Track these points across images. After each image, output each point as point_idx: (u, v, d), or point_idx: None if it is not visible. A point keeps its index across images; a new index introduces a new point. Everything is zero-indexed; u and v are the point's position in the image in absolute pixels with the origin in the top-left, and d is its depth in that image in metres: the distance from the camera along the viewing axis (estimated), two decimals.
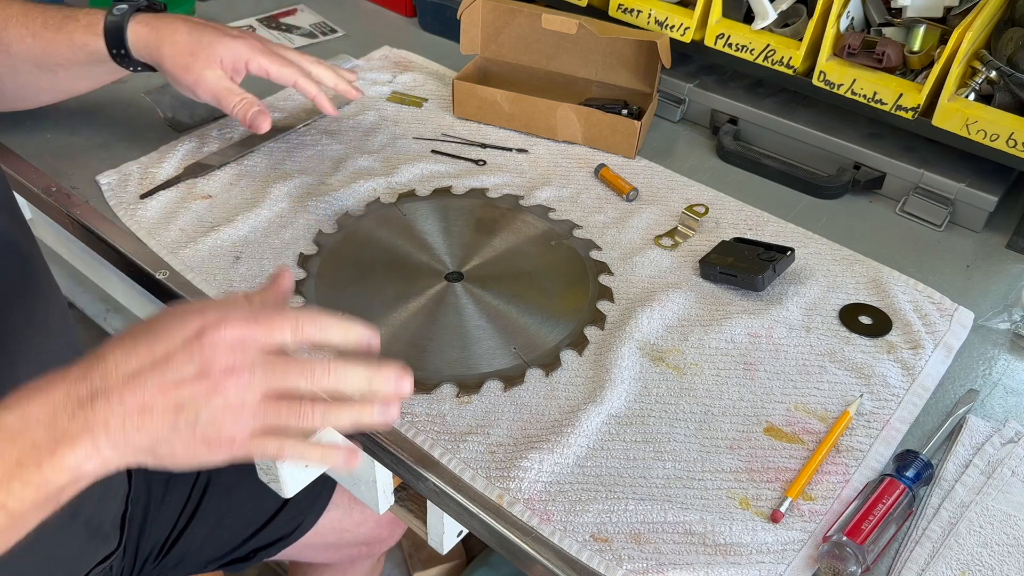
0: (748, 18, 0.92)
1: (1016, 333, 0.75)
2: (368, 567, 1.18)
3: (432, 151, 0.93)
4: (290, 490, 0.73)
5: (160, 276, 0.76)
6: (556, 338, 0.72)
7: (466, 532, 0.75)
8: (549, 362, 0.69)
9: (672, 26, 0.95)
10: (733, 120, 0.97)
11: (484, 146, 0.94)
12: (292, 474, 0.72)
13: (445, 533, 0.75)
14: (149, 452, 0.47)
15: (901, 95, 0.83)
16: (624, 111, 0.94)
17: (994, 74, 0.81)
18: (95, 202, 0.84)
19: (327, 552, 1.04)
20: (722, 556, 0.57)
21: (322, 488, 0.94)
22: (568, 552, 0.57)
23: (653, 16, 0.96)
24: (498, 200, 0.86)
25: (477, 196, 0.87)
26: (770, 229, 0.85)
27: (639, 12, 0.96)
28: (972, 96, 0.82)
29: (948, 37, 0.80)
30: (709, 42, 0.93)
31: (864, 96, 0.85)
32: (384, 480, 0.76)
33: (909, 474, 0.61)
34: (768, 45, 0.90)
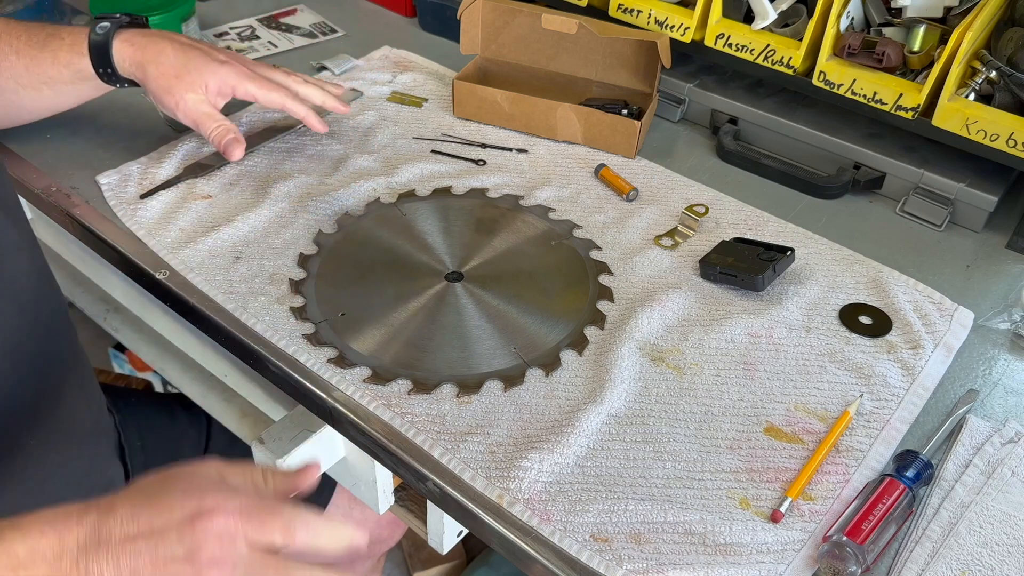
0: (748, 18, 0.92)
1: (1016, 333, 0.75)
2: (368, 567, 1.18)
3: (432, 151, 0.93)
4: None
5: (160, 276, 0.76)
6: (556, 338, 0.72)
7: (466, 532, 0.75)
8: (549, 362, 0.69)
9: (672, 26, 0.95)
10: (733, 120, 0.97)
11: (484, 146, 0.94)
12: None
13: (445, 533, 0.75)
14: None
15: (901, 95, 0.83)
16: (624, 111, 0.94)
17: (994, 74, 0.81)
18: (95, 202, 0.84)
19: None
20: (722, 556, 0.57)
21: (322, 489, 0.94)
22: (568, 552, 0.57)
23: (653, 16, 0.96)
24: (498, 200, 0.86)
25: (477, 196, 0.87)
26: (770, 229, 0.85)
27: (639, 12, 0.96)
28: (972, 96, 0.82)
29: (948, 37, 0.80)
30: (709, 42, 0.93)
31: (864, 96, 0.85)
32: (384, 480, 0.76)
33: (909, 474, 0.61)
34: (768, 45, 0.90)
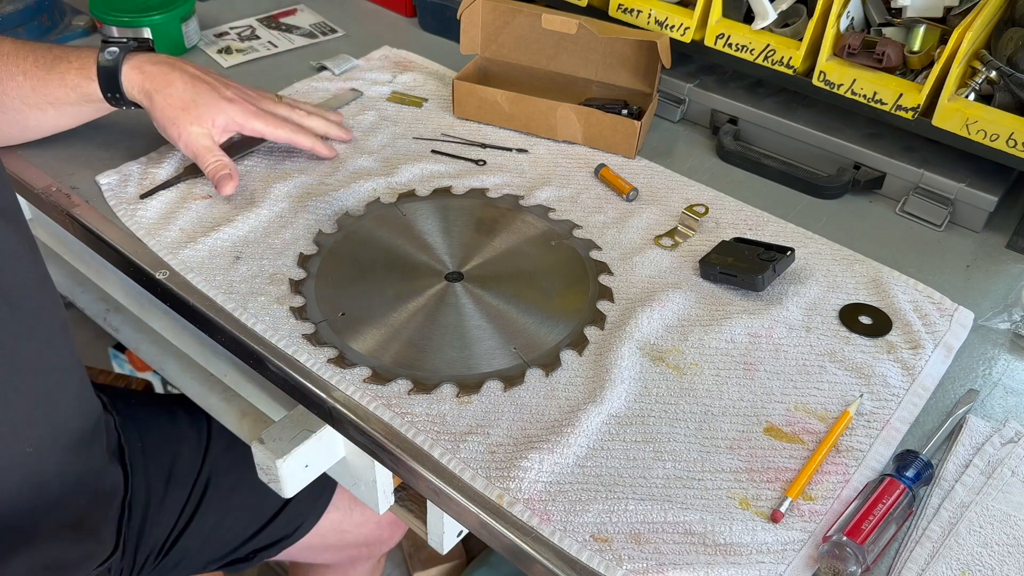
0: (748, 18, 0.92)
1: (1016, 333, 0.75)
2: (368, 568, 1.18)
3: (432, 151, 0.93)
4: (290, 490, 0.73)
5: (160, 276, 0.76)
6: (556, 338, 0.72)
7: (466, 532, 0.75)
8: (549, 362, 0.69)
9: (672, 26, 0.95)
10: (733, 120, 0.97)
11: (484, 146, 0.94)
12: (292, 474, 0.72)
13: (445, 533, 0.75)
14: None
15: (901, 95, 0.83)
16: (624, 111, 0.94)
17: (994, 74, 0.81)
18: (95, 202, 0.84)
19: (327, 553, 1.04)
20: (722, 556, 0.57)
21: (322, 489, 0.94)
22: (568, 552, 0.57)
23: (653, 16, 0.96)
24: (498, 200, 0.86)
25: (477, 196, 0.87)
26: (770, 229, 0.85)
27: (639, 12, 0.96)
28: (972, 96, 0.82)
29: (948, 37, 0.80)
30: (709, 42, 0.93)
31: (864, 96, 0.85)
32: (384, 480, 0.76)
33: (909, 474, 0.61)
34: (768, 45, 0.90)
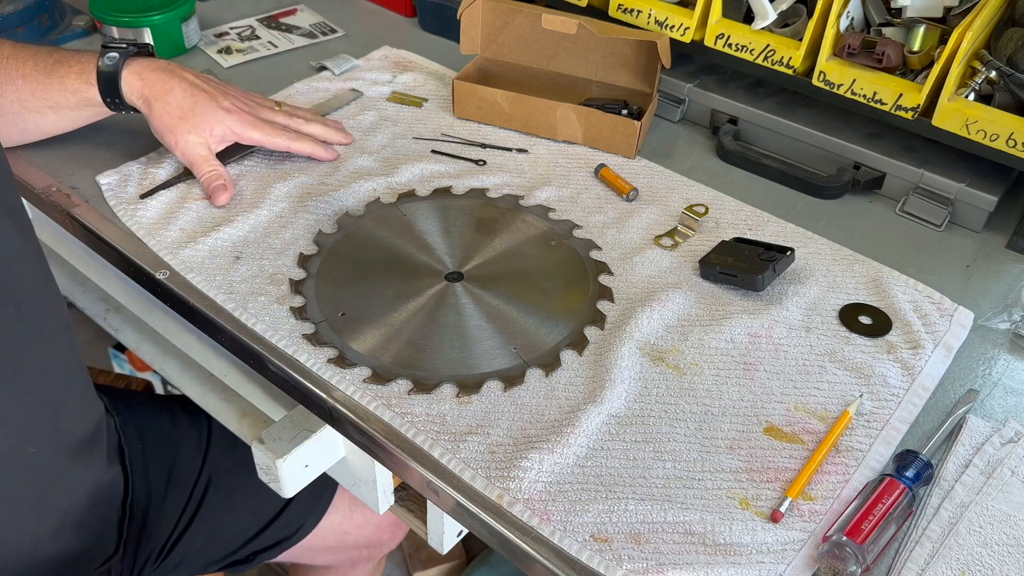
0: (748, 18, 0.92)
1: (1016, 333, 0.75)
2: (369, 570, 1.18)
3: (432, 151, 0.93)
4: (290, 490, 0.73)
5: (160, 276, 0.76)
6: (556, 338, 0.72)
7: (466, 532, 0.75)
8: (549, 362, 0.69)
9: (672, 26, 0.95)
10: (733, 120, 0.97)
11: (484, 146, 0.94)
12: (292, 474, 0.72)
13: (445, 533, 0.75)
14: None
15: (901, 95, 0.83)
16: (624, 111, 0.94)
17: (994, 74, 0.81)
18: (95, 202, 0.84)
19: (328, 554, 1.04)
20: (722, 556, 0.57)
21: (323, 490, 0.94)
22: (568, 552, 0.57)
23: (653, 16, 0.96)
24: (498, 200, 0.86)
25: (477, 196, 0.87)
26: (770, 229, 0.85)
27: (639, 12, 0.96)
28: (972, 96, 0.82)
29: (948, 37, 0.80)
30: (709, 42, 0.93)
31: (864, 96, 0.85)
32: (384, 480, 0.76)
33: (909, 474, 0.61)
34: (768, 45, 0.90)
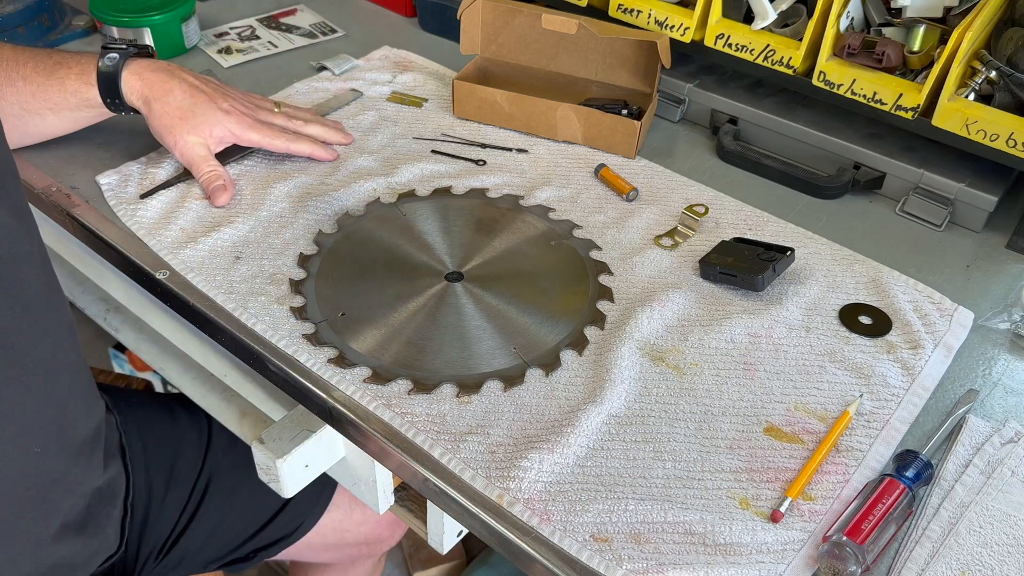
0: (748, 18, 0.92)
1: (1016, 333, 0.75)
2: (369, 567, 1.18)
3: (432, 151, 0.93)
4: (290, 490, 0.73)
5: (160, 276, 0.76)
6: (556, 338, 0.72)
7: (466, 532, 0.75)
8: (549, 362, 0.69)
9: (672, 26, 0.95)
10: (733, 120, 0.97)
11: (484, 146, 0.94)
12: (292, 474, 0.72)
13: (445, 533, 0.75)
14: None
15: (901, 95, 0.83)
16: (624, 111, 0.94)
17: (994, 74, 0.81)
18: (95, 202, 0.84)
19: (328, 552, 1.04)
20: (722, 556, 0.57)
21: (323, 489, 0.94)
22: (568, 552, 0.57)
23: (653, 16, 0.96)
24: (498, 200, 0.86)
25: (477, 196, 0.87)
26: (770, 229, 0.85)
27: (639, 12, 0.96)
28: (972, 96, 0.82)
29: (948, 37, 0.80)
30: (709, 42, 0.93)
31: (864, 96, 0.85)
32: (384, 480, 0.76)
33: (909, 474, 0.61)
34: (768, 45, 0.90)
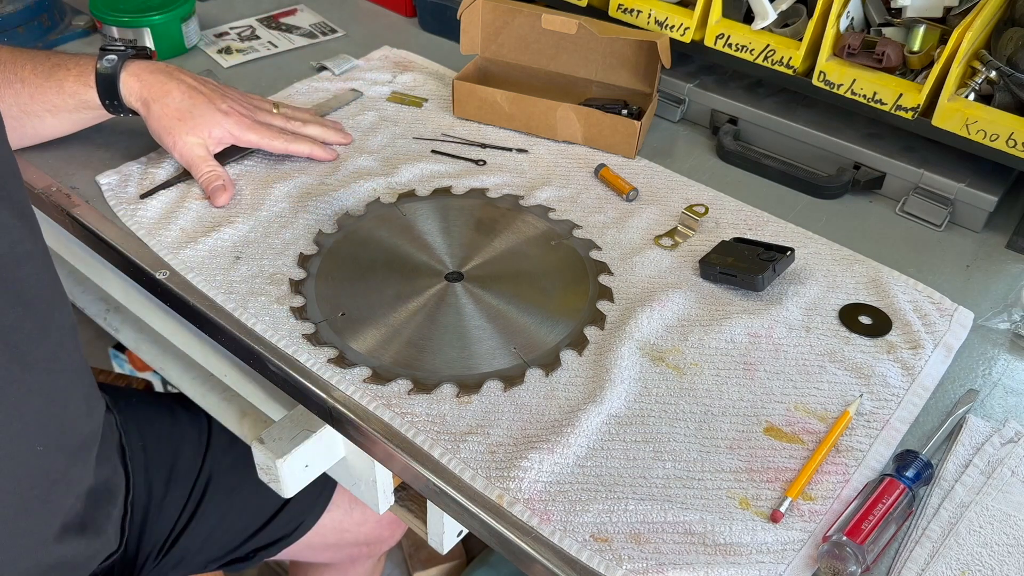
0: (748, 18, 0.92)
1: (1016, 333, 0.75)
2: (369, 567, 1.18)
3: (432, 151, 0.93)
4: (290, 490, 0.73)
5: (160, 276, 0.76)
6: (556, 338, 0.72)
7: (466, 532, 0.75)
8: (549, 362, 0.69)
9: (672, 26, 0.95)
10: (733, 120, 0.97)
11: (484, 146, 0.94)
12: (292, 474, 0.72)
13: (445, 533, 0.75)
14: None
15: (901, 95, 0.83)
16: (624, 111, 0.94)
17: (994, 74, 0.81)
18: (95, 202, 0.84)
19: (327, 552, 1.04)
20: (722, 556, 0.57)
21: (322, 488, 0.94)
22: (568, 552, 0.57)
23: (653, 16, 0.96)
24: (498, 200, 0.86)
25: (477, 196, 0.87)
26: (770, 229, 0.85)
27: (639, 12, 0.96)
28: (972, 96, 0.82)
29: (948, 37, 0.80)
30: (709, 42, 0.93)
31: (864, 96, 0.85)
32: (384, 480, 0.76)
33: (909, 474, 0.61)
34: (768, 45, 0.90)
